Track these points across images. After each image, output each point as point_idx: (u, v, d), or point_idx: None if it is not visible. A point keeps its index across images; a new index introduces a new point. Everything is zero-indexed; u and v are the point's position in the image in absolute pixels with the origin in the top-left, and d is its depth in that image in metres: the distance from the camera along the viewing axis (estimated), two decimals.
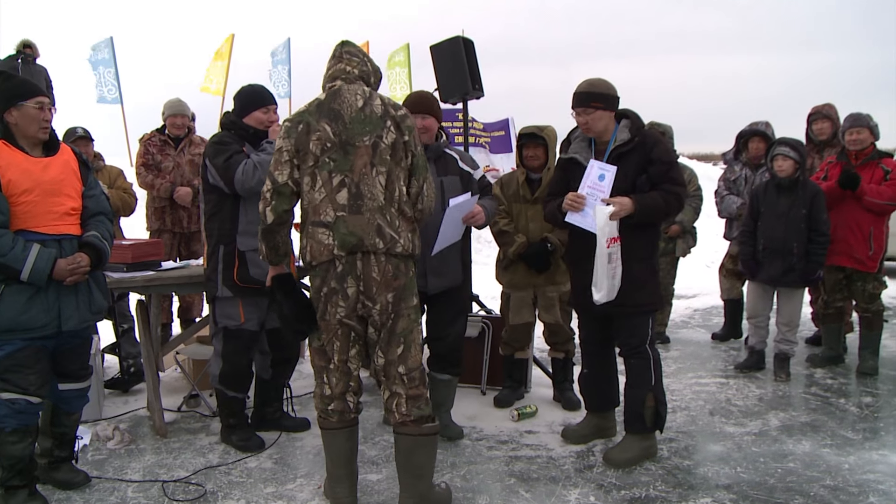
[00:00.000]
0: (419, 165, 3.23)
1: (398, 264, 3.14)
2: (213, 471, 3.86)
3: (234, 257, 3.99)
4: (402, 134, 3.17)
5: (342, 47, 3.31)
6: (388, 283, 3.12)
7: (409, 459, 3.24)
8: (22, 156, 3.27)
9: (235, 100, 4.18)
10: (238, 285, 3.99)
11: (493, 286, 7.95)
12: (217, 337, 4.12)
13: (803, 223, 5.15)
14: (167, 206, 5.88)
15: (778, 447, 4.08)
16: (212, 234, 4.07)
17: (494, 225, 4.72)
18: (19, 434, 3.30)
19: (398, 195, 3.17)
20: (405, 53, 14.83)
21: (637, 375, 3.87)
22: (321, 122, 3.11)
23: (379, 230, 3.09)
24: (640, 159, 3.77)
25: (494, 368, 5.13)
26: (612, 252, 3.70)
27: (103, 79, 14.14)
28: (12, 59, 9.85)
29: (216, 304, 4.09)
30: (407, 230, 3.18)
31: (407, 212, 3.19)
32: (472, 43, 5.42)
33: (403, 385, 3.19)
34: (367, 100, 3.17)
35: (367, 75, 3.29)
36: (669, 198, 3.74)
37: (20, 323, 3.22)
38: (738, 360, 5.75)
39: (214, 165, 3.94)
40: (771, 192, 5.33)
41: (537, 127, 4.58)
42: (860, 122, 5.31)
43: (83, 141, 5.43)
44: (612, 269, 3.72)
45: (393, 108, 3.21)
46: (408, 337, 3.19)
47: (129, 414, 4.78)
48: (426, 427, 3.21)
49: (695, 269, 6.79)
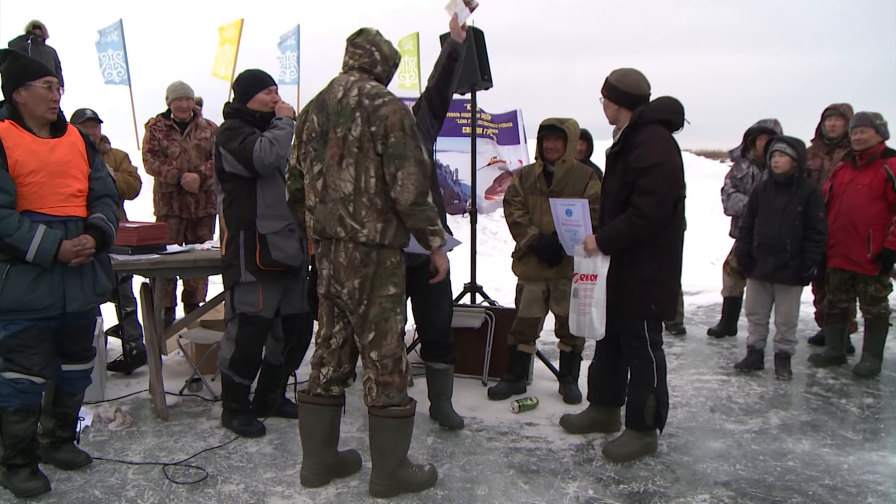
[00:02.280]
0: (392, 154, 3.16)
1: (368, 252, 3.22)
2: (214, 454, 3.88)
3: (255, 241, 4.00)
4: (371, 125, 3.15)
5: (353, 39, 3.40)
6: (355, 269, 3.22)
7: (374, 439, 3.41)
8: (29, 136, 3.28)
9: (235, 88, 4.20)
10: (261, 269, 4.00)
11: (497, 277, 8.01)
12: (233, 322, 4.13)
13: (798, 220, 5.14)
14: (174, 191, 5.88)
15: (778, 445, 4.09)
16: (231, 221, 4.06)
17: (510, 216, 4.77)
18: (22, 413, 3.32)
19: (366, 186, 3.19)
20: (414, 42, 14.75)
21: (638, 377, 3.87)
22: (312, 112, 3.34)
23: (340, 220, 3.22)
24: (624, 163, 3.76)
25: (497, 360, 5.13)
26: (578, 288, 3.88)
27: (112, 61, 14.11)
28: (22, 40, 9.86)
29: (235, 289, 4.09)
30: (375, 220, 3.20)
31: (378, 203, 3.20)
32: (483, 33, 5.39)
33: (376, 370, 3.31)
34: (347, 91, 3.25)
35: (370, 66, 3.36)
36: (632, 218, 3.63)
37: (25, 303, 3.23)
38: (739, 359, 5.74)
39: (230, 151, 3.94)
40: (769, 189, 5.33)
41: (558, 119, 4.58)
42: (864, 122, 5.26)
43: (91, 123, 5.42)
44: (577, 305, 3.85)
45: (368, 97, 3.19)
46: (380, 324, 3.27)
47: (131, 396, 4.80)
48: (391, 410, 3.33)
49: (700, 266, 6.77)
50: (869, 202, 5.22)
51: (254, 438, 4.09)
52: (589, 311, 3.81)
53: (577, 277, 3.88)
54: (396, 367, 3.32)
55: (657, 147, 3.67)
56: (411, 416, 3.40)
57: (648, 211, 3.61)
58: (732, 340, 6.51)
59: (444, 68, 4.19)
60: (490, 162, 11.46)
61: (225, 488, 3.51)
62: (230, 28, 14.68)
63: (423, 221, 3.22)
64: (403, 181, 3.15)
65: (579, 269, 3.89)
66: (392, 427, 3.36)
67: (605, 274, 3.77)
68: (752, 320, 5.57)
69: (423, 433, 4.22)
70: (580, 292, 3.86)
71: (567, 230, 3.99)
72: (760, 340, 5.56)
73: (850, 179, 5.34)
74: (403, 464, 3.44)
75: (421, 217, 3.21)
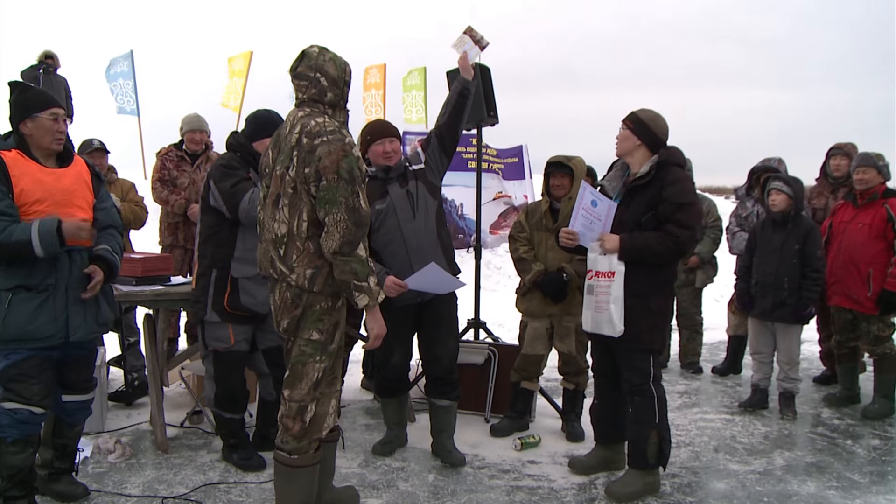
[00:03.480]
0: (322, 199, 2.98)
1: (298, 293, 3.10)
2: (213, 489, 3.85)
3: (226, 283, 3.98)
4: (306, 165, 3.00)
5: (295, 70, 3.18)
6: (287, 308, 3.15)
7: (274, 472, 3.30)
8: (36, 166, 3.31)
9: (248, 122, 4.17)
10: (227, 311, 3.98)
11: (501, 313, 7.99)
12: (208, 360, 4.12)
13: (796, 258, 5.16)
14: (181, 221, 5.90)
15: (782, 487, 4.04)
16: (205, 255, 4.04)
17: (515, 252, 4.78)
18: (20, 444, 3.30)
19: (298, 230, 3.06)
20: (421, 77, 14.87)
21: (640, 413, 3.83)
22: (270, 148, 3.26)
23: (271, 262, 3.15)
24: (653, 196, 3.77)
25: (500, 396, 5.10)
26: (593, 285, 3.81)
27: (122, 90, 14.26)
28: (34, 70, 9.98)
29: (205, 326, 4.07)
30: (305, 266, 3.06)
31: (311, 247, 3.06)
32: (489, 70, 5.43)
33: (285, 407, 3.19)
34: (291, 128, 3.13)
35: (319, 95, 3.14)
36: (666, 240, 3.70)
37: (27, 332, 3.23)
38: (743, 398, 5.69)
39: (220, 189, 3.92)
40: (767, 228, 5.37)
41: (565, 157, 4.61)
42: (866, 162, 5.32)
43: (98, 153, 5.46)
44: (592, 301, 3.79)
45: (308, 136, 3.02)
46: (296, 367, 3.16)
47: (132, 427, 4.78)
48: (278, 454, 3.21)
49: (704, 304, 6.75)
50: (869, 241, 5.24)
51: (254, 472, 4.05)
52: (607, 307, 3.75)
53: (592, 274, 3.82)
54: (300, 414, 3.14)
55: (690, 187, 3.86)
56: (298, 467, 3.19)
57: (684, 241, 3.73)
58: (737, 379, 6.47)
59: (454, 106, 4.22)
60: (495, 197, 11.50)
61: None
62: (239, 59, 14.81)
63: (346, 274, 3.00)
64: (330, 228, 2.98)
65: (595, 266, 3.82)
66: (279, 471, 3.23)
67: (623, 272, 3.73)
68: (757, 359, 5.55)
69: (425, 470, 4.18)
70: (596, 289, 3.80)
71: (585, 217, 3.85)
72: (765, 379, 5.52)
73: (851, 218, 5.37)
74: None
75: (345, 269, 3.00)
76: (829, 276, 5.40)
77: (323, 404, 3.21)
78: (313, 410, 3.16)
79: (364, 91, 15.21)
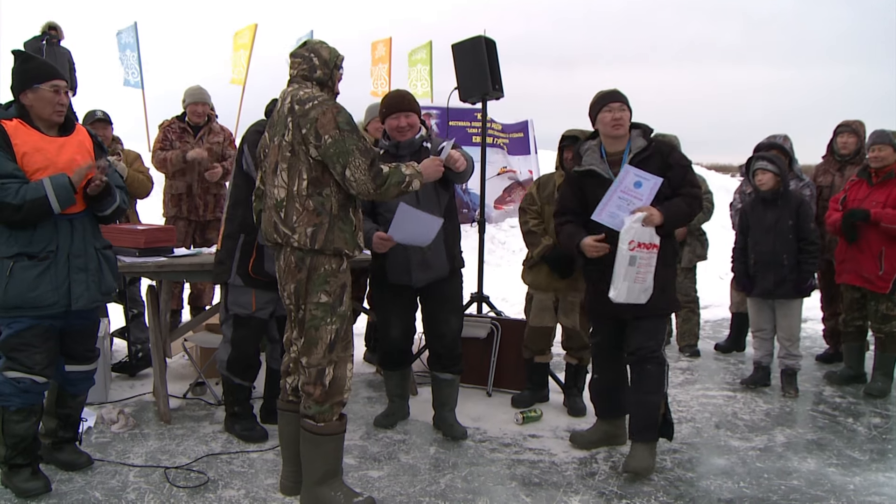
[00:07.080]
0: (333, 154, 3.10)
1: (302, 257, 3.18)
2: (215, 459, 3.87)
3: (252, 248, 3.97)
4: (301, 128, 3.13)
5: (293, 52, 3.40)
6: (291, 273, 3.22)
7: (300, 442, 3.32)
8: (38, 135, 3.31)
9: None
10: (251, 276, 3.99)
11: (504, 288, 8.00)
12: (227, 323, 4.12)
13: (791, 234, 5.17)
14: (184, 193, 5.90)
15: (783, 464, 4.05)
16: (234, 218, 4.02)
17: (524, 224, 4.75)
18: (23, 413, 3.33)
19: (297, 190, 3.16)
20: (427, 51, 14.75)
21: (653, 381, 3.81)
22: (267, 129, 3.39)
23: (275, 227, 3.23)
24: (660, 164, 3.82)
25: (502, 370, 5.11)
26: (637, 256, 3.73)
27: (129, 62, 14.20)
28: (37, 41, 9.94)
29: (228, 290, 4.08)
30: (306, 224, 3.15)
31: (310, 205, 3.15)
32: (494, 43, 5.40)
33: (305, 375, 3.24)
34: (283, 100, 3.27)
35: (310, 72, 3.31)
36: (692, 201, 3.85)
37: (28, 300, 3.24)
38: (745, 375, 5.70)
39: (253, 155, 3.90)
40: (757, 207, 5.36)
41: (580, 130, 4.55)
42: (883, 139, 5.26)
43: (101, 124, 5.44)
44: (633, 272, 3.74)
45: (299, 103, 3.16)
46: (309, 332, 3.22)
47: (135, 398, 4.81)
48: (305, 422, 3.26)
49: (708, 281, 6.74)
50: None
51: (256, 444, 4.07)
52: (648, 278, 3.76)
53: (635, 244, 3.73)
54: (319, 379, 3.21)
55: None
56: (326, 435, 3.24)
57: (700, 198, 3.95)
58: (739, 356, 6.48)
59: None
60: (500, 172, 11.45)
61: (225, 493, 3.50)
62: (244, 33, 14.71)
63: (396, 193, 3.23)
64: (355, 175, 3.10)
65: (637, 237, 3.73)
66: (306, 439, 3.27)
67: (659, 244, 3.77)
68: (758, 336, 5.55)
69: (427, 443, 4.20)
70: (639, 260, 3.74)
71: (622, 198, 3.80)
72: (767, 356, 5.52)
73: (865, 196, 5.31)
74: (329, 484, 3.28)
75: (393, 192, 3.21)
76: (839, 255, 5.40)
77: (340, 367, 3.27)
78: (331, 374, 3.23)
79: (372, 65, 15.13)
